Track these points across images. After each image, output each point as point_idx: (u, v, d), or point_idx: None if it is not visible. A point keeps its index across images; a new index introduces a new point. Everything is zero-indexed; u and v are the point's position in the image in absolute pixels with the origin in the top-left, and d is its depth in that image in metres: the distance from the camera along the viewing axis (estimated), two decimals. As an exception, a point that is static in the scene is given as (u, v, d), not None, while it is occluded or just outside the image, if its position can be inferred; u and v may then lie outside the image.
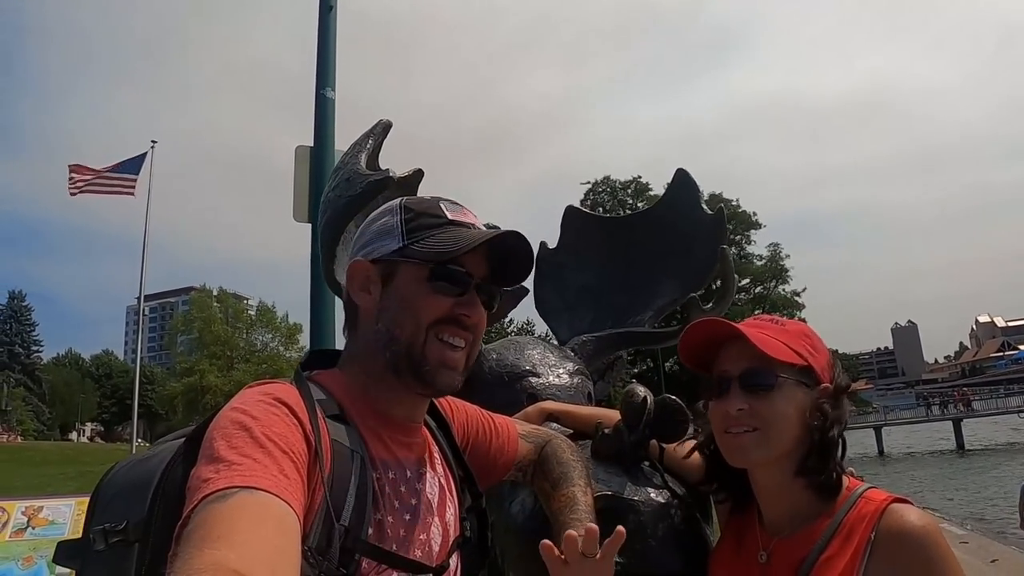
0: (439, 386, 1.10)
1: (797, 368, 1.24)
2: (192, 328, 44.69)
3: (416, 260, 1.09)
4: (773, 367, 1.23)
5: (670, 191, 2.54)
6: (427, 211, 1.12)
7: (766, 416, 1.23)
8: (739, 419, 1.25)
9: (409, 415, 1.16)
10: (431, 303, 1.08)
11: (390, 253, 1.10)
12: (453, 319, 1.09)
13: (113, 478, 1.17)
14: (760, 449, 1.24)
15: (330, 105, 5.25)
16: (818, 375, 1.26)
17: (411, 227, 1.10)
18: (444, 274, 1.08)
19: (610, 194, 49.98)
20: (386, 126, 1.91)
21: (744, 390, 1.25)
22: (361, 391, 1.11)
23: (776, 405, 1.23)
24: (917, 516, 1.15)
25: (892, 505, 1.17)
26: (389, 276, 1.10)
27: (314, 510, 0.93)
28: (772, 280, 53.36)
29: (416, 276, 1.09)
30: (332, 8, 5.56)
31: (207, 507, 0.78)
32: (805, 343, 1.28)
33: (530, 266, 1.18)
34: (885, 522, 1.15)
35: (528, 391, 1.87)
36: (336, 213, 1.75)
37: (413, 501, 1.10)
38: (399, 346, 1.08)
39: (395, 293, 1.10)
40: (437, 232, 1.10)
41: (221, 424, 0.92)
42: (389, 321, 1.09)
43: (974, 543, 9.22)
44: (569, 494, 1.28)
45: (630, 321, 2.37)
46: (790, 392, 1.24)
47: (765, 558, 1.25)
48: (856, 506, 1.20)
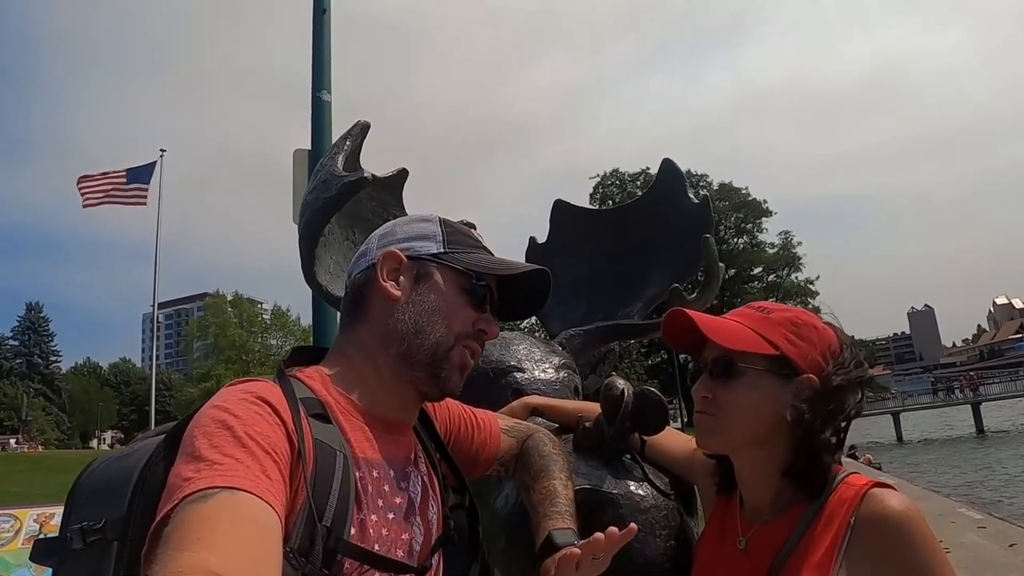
0: (449, 387, 1.14)
1: (767, 357, 1.21)
2: (207, 334, 45.08)
3: (458, 268, 1.13)
4: (733, 356, 1.22)
5: (657, 181, 2.54)
6: (464, 231, 1.20)
7: (722, 404, 1.23)
8: (703, 405, 1.26)
9: (400, 415, 1.16)
10: (463, 313, 1.13)
11: (429, 254, 1.14)
12: (475, 334, 1.14)
13: (91, 476, 1.16)
14: (716, 436, 1.25)
15: (326, 108, 5.28)
16: (797, 365, 1.21)
17: (452, 239, 1.17)
18: (478, 288, 1.14)
19: (619, 187, 49.80)
20: (364, 127, 1.91)
21: (712, 378, 1.25)
22: (350, 387, 1.10)
23: (734, 394, 1.22)
24: (897, 500, 1.13)
25: (872, 490, 1.15)
26: (425, 275, 1.14)
27: (296, 510, 0.92)
28: (784, 268, 53.04)
29: (455, 282, 1.14)
30: (326, 11, 5.61)
31: (187, 507, 0.78)
32: (786, 332, 1.23)
33: (542, 306, 1.26)
34: (865, 507, 1.13)
35: (513, 386, 1.87)
36: (314, 215, 1.75)
37: (397, 500, 1.09)
38: (424, 340, 1.10)
39: (431, 292, 1.13)
40: (476, 252, 1.17)
41: (202, 422, 0.90)
42: (419, 315, 1.11)
43: (992, 528, 9.14)
44: (550, 487, 1.28)
45: (620, 313, 2.37)
46: (754, 381, 1.21)
47: (744, 544, 1.25)
48: (836, 491, 1.18)
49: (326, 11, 5.64)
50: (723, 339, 1.22)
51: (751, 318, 1.27)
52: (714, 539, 1.34)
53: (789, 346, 1.22)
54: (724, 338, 1.22)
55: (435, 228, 1.18)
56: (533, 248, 2.75)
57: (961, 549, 7.69)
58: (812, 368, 1.21)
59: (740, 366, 1.22)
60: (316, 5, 5.69)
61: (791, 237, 53.91)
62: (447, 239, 1.16)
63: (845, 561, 1.12)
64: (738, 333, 1.23)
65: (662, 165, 2.49)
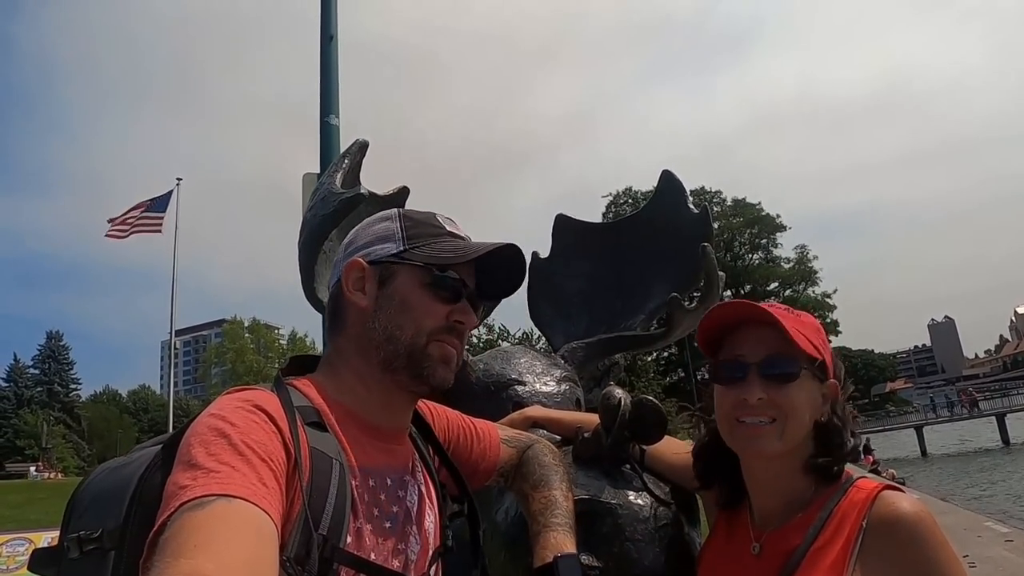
0: (436, 381, 1.11)
1: (815, 361, 1.22)
2: (225, 359, 45.36)
3: (417, 264, 1.10)
4: (798, 357, 1.20)
5: (657, 193, 2.55)
6: (426, 221, 1.16)
7: (785, 407, 1.20)
8: (757, 408, 1.21)
9: (394, 421, 1.15)
10: (432, 309, 1.10)
11: (389, 256, 1.12)
12: (450, 327, 1.12)
13: (89, 485, 1.16)
14: (777, 441, 1.21)
15: (334, 132, 5.37)
16: (828, 370, 1.24)
17: (411, 234, 1.13)
18: (443, 280, 1.11)
19: (632, 205, 49.90)
20: (362, 146, 1.95)
21: (764, 378, 1.21)
22: (340, 396, 1.10)
23: (796, 396, 1.20)
24: (909, 503, 1.12)
25: (883, 492, 1.15)
26: (388, 277, 1.12)
27: (292, 519, 0.92)
28: (801, 282, 52.73)
29: (417, 279, 1.11)
30: (333, 38, 5.73)
31: (184, 515, 0.78)
32: (819, 337, 1.26)
33: (522, 279, 1.21)
34: (876, 510, 1.13)
35: (514, 399, 1.87)
36: (313, 231, 1.78)
37: (394, 509, 1.09)
38: (398, 345, 1.09)
39: (394, 295, 1.11)
40: (438, 241, 1.13)
41: (199, 430, 0.91)
42: (387, 321, 1.10)
43: (1020, 541, 8.96)
44: (549, 496, 1.27)
45: (623, 325, 2.37)
46: (808, 385, 1.21)
47: (758, 550, 1.23)
48: (847, 495, 1.18)
49: (333, 38, 5.77)
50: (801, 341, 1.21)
51: (792, 320, 1.25)
52: (722, 546, 1.33)
53: (824, 350, 1.25)
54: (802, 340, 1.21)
55: (394, 226, 1.15)
56: (536, 262, 2.76)
57: (988, 563, 7.54)
58: (834, 373, 1.26)
59: (802, 368, 1.21)
60: (323, 32, 5.81)
61: (807, 251, 53.73)
62: (406, 235, 1.13)
63: (858, 564, 1.11)
64: (799, 335, 1.22)
65: (662, 176, 2.50)
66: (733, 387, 1.24)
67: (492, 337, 23.82)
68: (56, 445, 59.74)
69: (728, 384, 1.25)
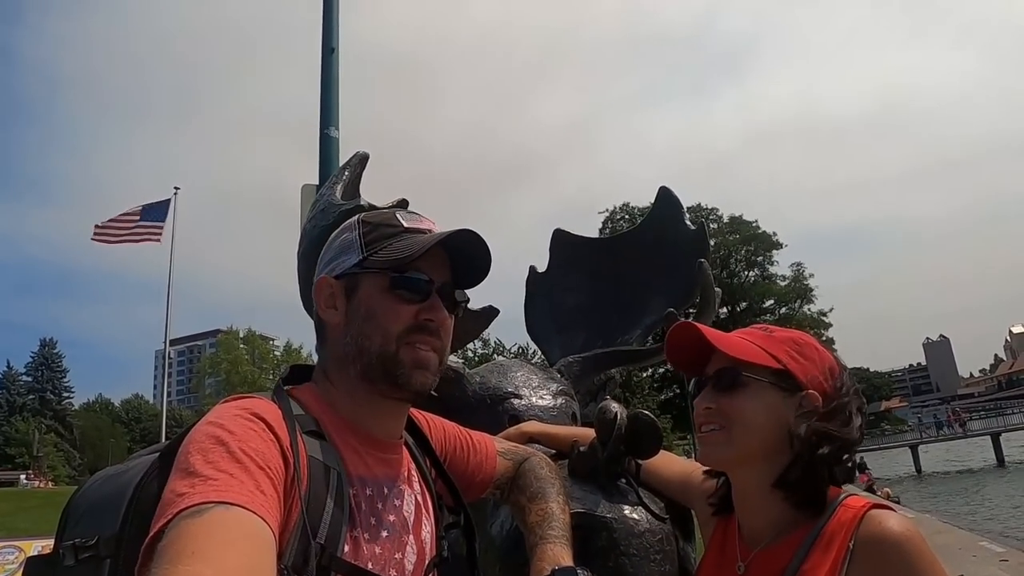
0: (415, 387, 1.10)
1: (770, 370, 1.23)
2: (219, 370, 45.14)
3: (375, 270, 1.10)
4: (739, 366, 1.23)
5: (654, 209, 2.56)
6: (383, 222, 1.14)
7: (729, 413, 1.22)
8: (707, 417, 1.25)
9: (385, 430, 1.15)
10: (396, 312, 1.09)
11: (351, 267, 1.12)
12: (420, 327, 1.10)
13: (85, 493, 1.16)
14: (724, 447, 1.23)
15: (334, 144, 5.40)
16: (800, 381, 1.23)
17: (369, 239, 1.12)
18: (404, 282, 1.10)
19: (629, 220, 49.97)
20: (363, 158, 1.96)
21: (715, 390, 1.26)
22: (334, 406, 1.11)
23: (740, 403, 1.22)
24: (897, 522, 1.11)
25: (871, 512, 1.14)
26: (352, 290, 1.12)
27: (290, 527, 0.92)
28: (796, 300, 52.78)
29: (378, 286, 1.10)
30: (334, 50, 5.77)
31: (182, 522, 0.78)
32: (788, 348, 1.26)
33: (487, 263, 1.18)
34: (864, 529, 1.12)
35: (510, 413, 1.87)
36: (311, 243, 1.78)
37: (391, 518, 1.09)
38: (370, 356, 1.09)
39: (360, 306, 1.10)
40: (394, 241, 1.11)
41: (197, 438, 0.91)
42: (357, 333, 1.10)
43: (1015, 560, 8.95)
44: (546, 509, 1.27)
45: (619, 340, 2.37)
46: (759, 393, 1.22)
47: (743, 569, 1.23)
48: (835, 514, 1.17)
49: (334, 50, 5.80)
50: (730, 349, 1.23)
51: (754, 335, 1.29)
52: (714, 564, 1.33)
53: (792, 361, 1.24)
54: (731, 348, 1.24)
55: (352, 236, 1.14)
56: (533, 277, 2.77)
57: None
58: (813, 385, 1.23)
59: (745, 376, 1.23)
60: (325, 44, 5.85)
61: (803, 269, 53.79)
62: (364, 242, 1.12)
63: None
64: (743, 346, 1.25)
65: (659, 192, 2.52)
66: (696, 401, 1.29)
67: (488, 351, 23.78)
68: (47, 453, 59.33)
69: (695, 399, 1.30)
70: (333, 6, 5.98)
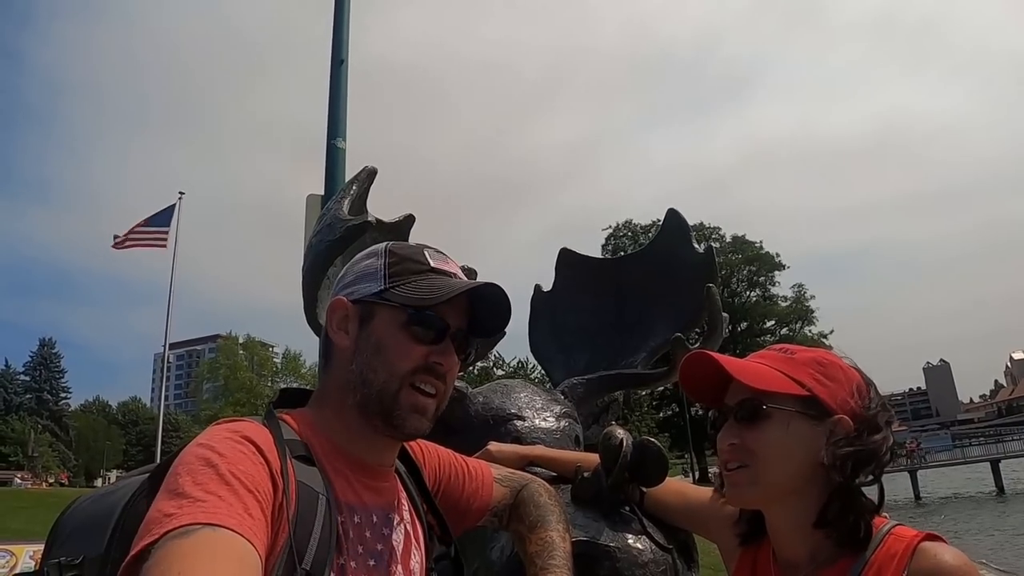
0: (408, 430, 1.09)
1: (796, 398, 1.15)
2: (218, 375, 45.07)
3: (395, 304, 1.08)
4: (761, 397, 1.15)
5: (662, 231, 2.55)
6: (411, 257, 1.13)
7: (754, 449, 1.15)
8: (731, 454, 1.18)
9: (378, 459, 1.14)
10: (407, 350, 1.08)
11: (371, 295, 1.10)
12: (427, 368, 1.09)
13: (73, 512, 1.17)
14: (751, 487, 1.17)
15: (340, 155, 5.41)
16: (828, 406, 1.15)
17: (393, 271, 1.11)
18: (421, 320, 1.08)
19: (631, 238, 50.12)
20: (371, 173, 1.95)
21: (738, 423, 1.18)
22: (328, 432, 1.10)
23: (765, 437, 1.15)
24: (952, 555, 1.06)
25: (924, 543, 1.08)
26: (368, 318, 1.10)
27: (276, 552, 0.92)
28: (797, 322, 52.82)
29: (394, 320, 1.09)
30: (343, 62, 5.79)
31: (168, 543, 0.78)
32: (812, 371, 1.17)
33: (507, 319, 1.18)
34: (917, 562, 1.06)
35: (513, 434, 1.85)
36: (317, 257, 1.78)
37: (379, 547, 1.08)
38: (371, 389, 1.07)
39: (372, 335, 1.09)
40: (419, 279, 1.10)
41: (186, 460, 0.91)
42: (363, 364, 1.09)
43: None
44: (547, 538, 1.25)
45: (624, 363, 2.35)
46: (785, 424, 1.14)
47: None
48: (884, 544, 1.11)
49: (343, 61, 5.82)
50: (750, 379, 1.16)
51: (775, 359, 1.21)
52: None
53: (818, 386, 1.16)
54: (751, 378, 1.16)
55: (378, 263, 1.13)
56: (538, 296, 2.76)
57: (981, 614, 7.44)
58: (843, 409, 1.15)
59: (769, 407, 1.15)
60: (334, 56, 5.88)
61: (804, 290, 53.91)
62: (388, 273, 1.11)
63: None
64: (764, 373, 1.17)
65: (667, 215, 2.51)
66: (719, 436, 1.21)
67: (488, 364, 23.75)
68: (42, 453, 59.18)
69: (717, 433, 1.22)
70: (343, 18, 6.01)
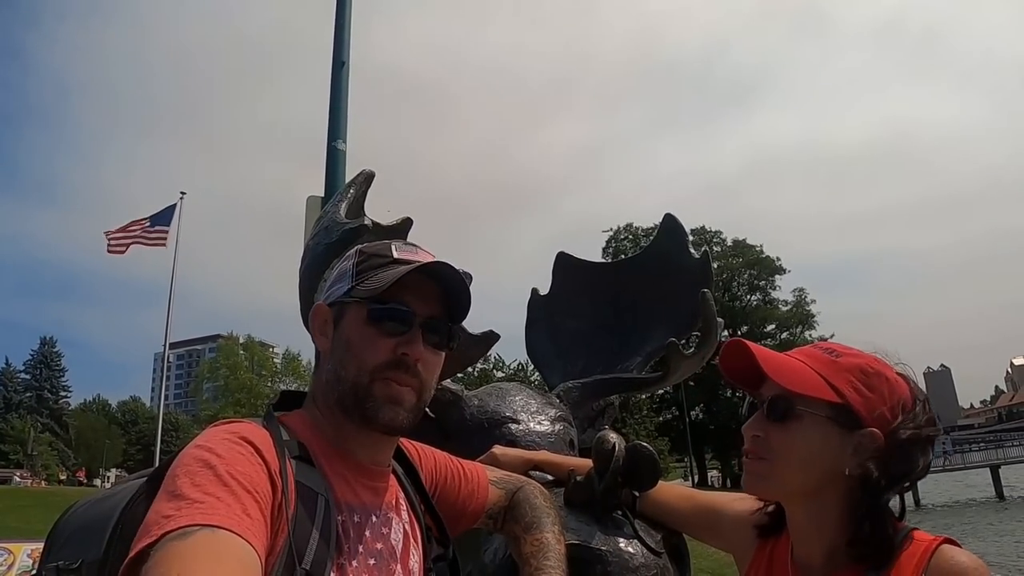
0: (382, 420, 1.08)
1: (829, 404, 1.14)
2: (218, 375, 45.02)
3: (358, 300, 1.10)
4: (793, 398, 1.15)
5: (659, 235, 2.55)
6: (377, 253, 1.14)
7: (776, 448, 1.16)
8: (753, 445, 1.19)
9: (371, 458, 1.15)
10: (374, 345, 1.09)
11: (341, 296, 1.12)
12: (397, 362, 1.09)
13: (71, 516, 1.18)
14: (765, 482, 1.18)
15: (340, 156, 5.42)
16: (861, 417, 1.14)
17: (360, 269, 1.12)
18: (383, 312, 1.09)
19: (632, 241, 50.11)
20: (368, 176, 1.96)
21: (767, 417, 1.18)
22: (322, 432, 1.11)
23: (790, 438, 1.15)
24: (968, 559, 1.08)
25: (942, 547, 1.10)
26: (339, 318, 1.13)
27: (276, 552, 0.92)
28: (798, 326, 52.79)
29: (359, 316, 1.10)
30: (344, 64, 5.81)
31: (167, 545, 0.78)
32: (854, 378, 1.15)
33: (466, 297, 1.16)
34: (935, 565, 1.08)
35: (508, 438, 1.85)
36: (315, 260, 1.78)
37: (379, 546, 1.09)
38: (344, 385, 1.09)
39: (343, 334, 1.11)
40: (378, 272, 1.10)
41: (185, 461, 0.92)
42: (336, 362, 1.11)
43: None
44: (542, 539, 1.26)
45: (620, 366, 2.36)
46: (813, 428, 1.14)
47: None
48: (902, 547, 1.12)
49: (345, 64, 5.84)
50: (784, 379, 1.15)
51: (818, 360, 1.19)
52: None
53: (855, 395, 1.14)
54: (786, 378, 1.15)
55: (347, 264, 1.15)
56: (535, 300, 2.76)
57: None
58: (878, 422, 1.14)
59: (800, 409, 1.15)
60: (335, 58, 5.90)
61: (805, 295, 53.87)
62: (356, 271, 1.12)
63: None
64: (801, 374, 1.16)
65: (664, 219, 2.51)
66: (746, 424, 1.22)
67: (487, 367, 23.75)
68: (42, 452, 59.19)
69: (745, 421, 1.23)
70: (345, 20, 6.04)
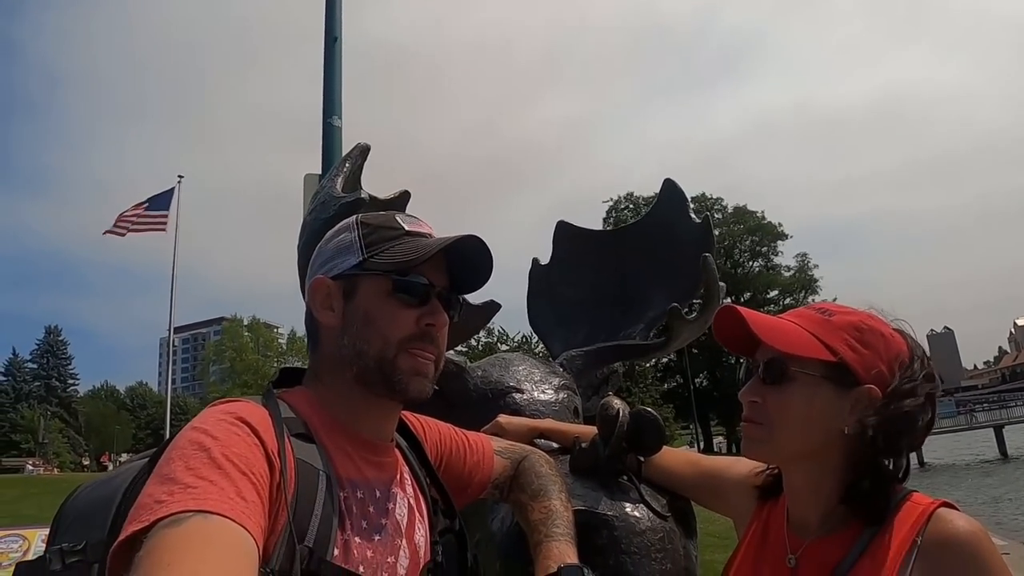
0: (412, 393, 1.09)
1: (824, 363, 1.12)
2: (224, 358, 45.34)
3: (377, 272, 1.08)
4: (787, 359, 1.13)
5: (659, 202, 2.54)
6: (384, 224, 1.13)
7: (772, 411, 1.15)
8: (751, 410, 1.18)
9: (377, 432, 1.14)
10: (398, 317, 1.08)
11: (350, 268, 1.10)
12: (421, 334, 1.09)
13: (76, 499, 1.18)
14: (764, 446, 1.17)
15: (336, 133, 5.38)
16: (858, 374, 1.12)
17: (369, 241, 1.10)
18: (406, 285, 1.08)
19: (633, 211, 49.96)
20: (364, 150, 1.94)
21: (762, 382, 1.17)
22: (326, 408, 1.10)
23: (786, 400, 1.14)
24: (966, 522, 1.07)
25: (940, 510, 1.09)
26: (351, 292, 1.10)
27: (277, 531, 0.91)
28: (801, 291, 52.82)
29: (379, 289, 1.08)
30: (337, 39, 5.74)
31: (160, 532, 0.77)
32: (848, 337, 1.14)
33: (489, 271, 1.17)
34: (933, 528, 1.07)
35: (512, 407, 1.86)
36: (312, 236, 1.77)
37: (383, 521, 1.08)
38: (368, 360, 1.07)
39: (358, 308, 1.09)
40: (396, 244, 1.10)
41: (180, 444, 0.90)
42: (355, 336, 1.08)
43: (1016, 554, 8.94)
44: (550, 507, 1.25)
45: (622, 334, 2.35)
46: (809, 389, 1.13)
47: (794, 562, 1.17)
48: (899, 509, 1.11)
49: (337, 39, 5.78)
50: (777, 341, 1.14)
51: (810, 320, 1.18)
52: (754, 557, 1.27)
53: (850, 353, 1.13)
54: (778, 340, 1.14)
55: (351, 236, 1.13)
56: (536, 270, 2.75)
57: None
58: (875, 379, 1.12)
59: (794, 371, 1.14)
60: (328, 33, 5.83)
61: (807, 260, 53.83)
62: (364, 244, 1.11)
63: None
64: (794, 335, 1.15)
65: (664, 185, 2.49)
66: (744, 390, 1.21)
67: (492, 340, 23.83)
68: (53, 440, 59.80)
69: (742, 386, 1.22)
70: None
